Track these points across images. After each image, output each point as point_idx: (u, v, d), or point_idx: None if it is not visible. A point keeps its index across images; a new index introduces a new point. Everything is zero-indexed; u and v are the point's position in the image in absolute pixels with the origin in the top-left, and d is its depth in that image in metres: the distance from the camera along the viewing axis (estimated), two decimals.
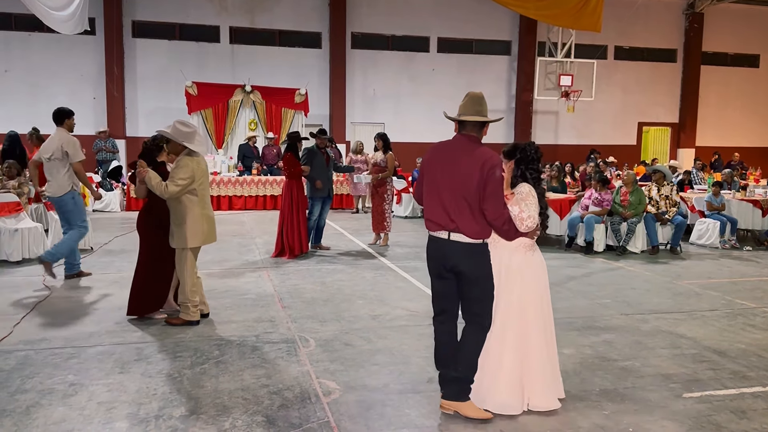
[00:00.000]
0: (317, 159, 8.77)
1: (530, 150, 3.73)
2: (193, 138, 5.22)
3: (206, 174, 5.37)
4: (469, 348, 3.56)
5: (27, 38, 17.01)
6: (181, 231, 5.17)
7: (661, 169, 10.29)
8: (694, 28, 21.71)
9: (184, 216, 5.16)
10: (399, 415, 3.65)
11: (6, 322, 5.31)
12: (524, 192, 3.64)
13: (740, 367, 4.55)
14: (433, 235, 3.62)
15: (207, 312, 5.58)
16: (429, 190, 3.63)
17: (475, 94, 3.65)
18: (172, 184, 5.03)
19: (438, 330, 3.71)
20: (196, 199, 5.19)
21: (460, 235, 3.48)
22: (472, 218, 3.46)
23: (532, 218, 3.53)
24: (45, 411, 3.63)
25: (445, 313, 3.68)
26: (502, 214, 3.46)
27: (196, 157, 5.24)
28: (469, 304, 3.58)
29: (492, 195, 3.43)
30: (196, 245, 5.24)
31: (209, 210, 5.39)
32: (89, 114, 17.49)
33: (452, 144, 3.63)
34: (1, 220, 7.74)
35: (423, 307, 5.94)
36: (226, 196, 13.93)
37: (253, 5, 18.45)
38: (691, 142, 22.29)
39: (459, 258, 3.50)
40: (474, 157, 3.47)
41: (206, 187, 5.38)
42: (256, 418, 3.58)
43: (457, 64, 20.14)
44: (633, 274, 7.83)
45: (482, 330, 3.57)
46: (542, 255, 3.82)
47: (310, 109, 16.90)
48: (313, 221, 8.91)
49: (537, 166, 3.75)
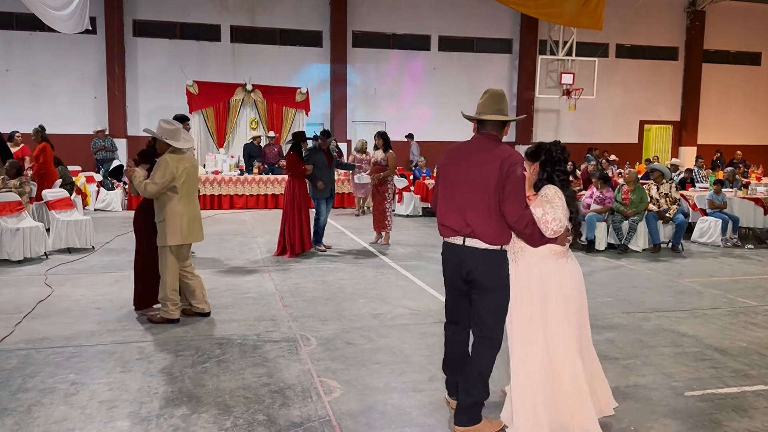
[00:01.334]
0: (319, 159, 8.76)
1: (555, 150, 3.44)
2: (176, 135, 5.21)
3: (191, 172, 5.30)
4: (481, 368, 3.34)
5: (28, 38, 17.01)
6: (162, 229, 5.22)
7: (659, 167, 10.28)
8: (696, 26, 21.66)
9: (165, 214, 5.20)
10: (400, 414, 3.65)
11: (7, 321, 5.32)
12: (549, 194, 3.35)
13: (742, 365, 4.55)
14: (447, 241, 3.41)
15: (208, 311, 5.57)
16: (444, 193, 3.40)
17: (496, 91, 3.43)
18: (150, 184, 5.08)
19: (449, 339, 3.59)
20: (177, 197, 5.18)
21: (476, 241, 3.26)
22: (489, 221, 3.22)
23: (559, 221, 3.24)
24: (46, 410, 3.63)
25: (458, 324, 3.53)
26: (524, 216, 3.18)
27: (180, 154, 5.24)
28: (481, 316, 3.33)
29: (512, 195, 3.17)
30: (174, 243, 5.23)
31: (193, 208, 5.32)
32: (90, 113, 17.50)
33: (470, 145, 3.41)
34: (3, 219, 7.75)
35: (424, 306, 5.94)
36: (227, 195, 13.93)
37: (253, 4, 18.43)
38: (692, 141, 22.25)
39: (474, 265, 3.27)
40: (493, 155, 3.25)
41: (191, 185, 5.32)
42: (257, 416, 3.58)
43: (458, 63, 20.12)
44: (634, 273, 7.82)
45: (494, 347, 3.34)
46: (577, 262, 3.53)
47: (311, 108, 16.89)
48: (322, 221, 8.92)
49: (564, 167, 3.44)
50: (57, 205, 8.77)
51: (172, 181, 5.10)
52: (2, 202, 7.89)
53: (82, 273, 7.26)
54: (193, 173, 5.37)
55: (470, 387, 3.34)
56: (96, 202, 13.31)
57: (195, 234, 5.37)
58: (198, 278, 5.53)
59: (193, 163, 5.41)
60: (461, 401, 3.37)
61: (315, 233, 8.90)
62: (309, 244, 8.61)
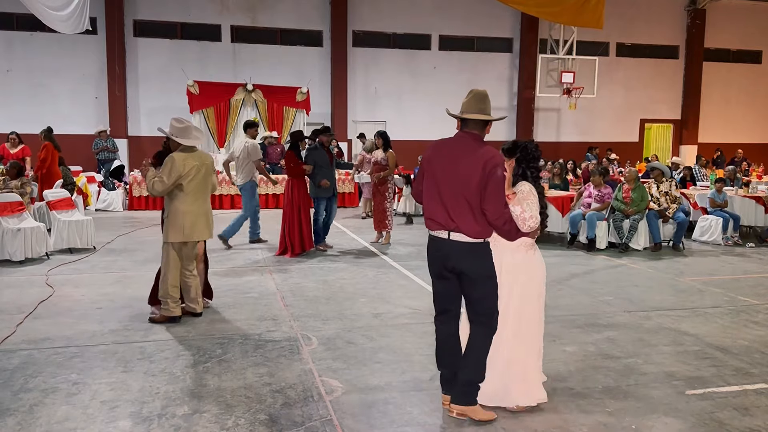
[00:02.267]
0: (321, 157, 8.66)
1: (531, 148, 3.70)
2: (187, 133, 5.23)
3: (200, 169, 5.25)
4: (477, 350, 3.50)
5: (29, 38, 17.02)
6: (166, 225, 5.26)
7: (658, 166, 10.27)
8: (696, 25, 21.64)
9: (169, 211, 5.23)
10: (401, 413, 3.65)
11: (9, 321, 5.33)
12: (525, 191, 3.58)
13: (743, 363, 4.55)
14: (433, 234, 3.56)
15: (199, 312, 5.49)
16: (429, 188, 3.55)
17: (479, 91, 3.57)
18: (157, 182, 5.10)
19: (439, 330, 3.68)
20: (181, 195, 5.18)
21: (460, 235, 3.42)
22: (472, 218, 3.39)
23: (534, 218, 3.49)
24: (48, 410, 3.64)
25: (446, 313, 3.64)
26: (503, 215, 3.39)
27: (190, 152, 5.24)
28: (473, 305, 3.52)
29: (493, 195, 3.35)
30: (174, 240, 5.23)
31: (198, 206, 5.27)
32: (91, 113, 17.52)
33: (454, 142, 3.55)
34: (4, 219, 7.76)
35: (425, 305, 5.94)
36: (228, 195, 13.94)
37: (254, 4, 18.44)
38: (693, 139, 22.24)
39: (460, 257, 3.44)
40: (476, 156, 3.39)
41: (199, 183, 5.26)
42: (258, 416, 3.58)
43: (459, 62, 20.12)
44: (635, 272, 7.82)
45: (489, 331, 3.50)
46: (541, 254, 3.82)
47: (312, 108, 16.89)
48: (322, 220, 8.81)
49: (537, 165, 3.72)
50: (58, 205, 8.78)
51: (178, 179, 5.11)
52: (3, 203, 7.90)
53: (83, 273, 7.27)
54: (204, 171, 5.31)
55: (466, 366, 3.51)
56: (97, 202, 13.32)
57: (199, 232, 5.31)
58: (196, 278, 5.51)
59: (204, 161, 5.34)
60: (459, 379, 3.53)
61: (315, 233, 8.82)
62: (310, 243, 8.58)
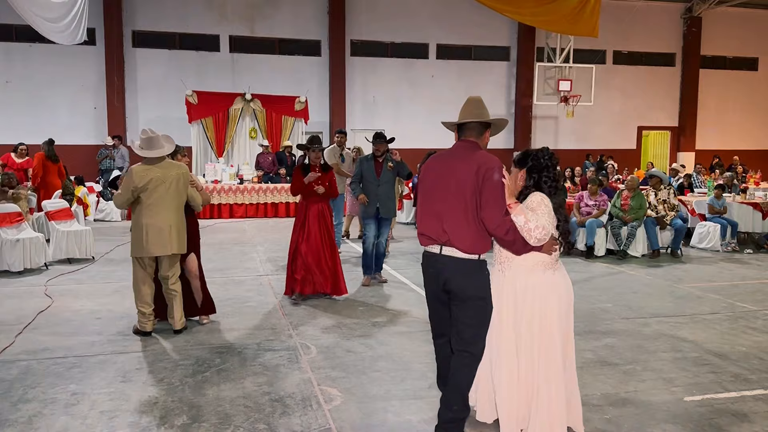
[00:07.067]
0: (367, 169, 7.15)
1: (543, 157, 3.36)
2: (152, 144, 5.14)
3: (162, 181, 5.06)
4: (460, 384, 3.26)
5: (28, 49, 17.08)
6: (131, 239, 5.23)
7: (657, 173, 10.30)
8: (693, 32, 21.77)
9: (132, 224, 5.22)
10: (400, 422, 3.65)
11: (8, 332, 5.32)
12: (535, 201, 3.27)
13: (741, 370, 4.56)
14: (426, 250, 3.39)
15: (177, 329, 5.29)
16: (422, 201, 3.38)
17: (474, 97, 3.45)
18: (115, 195, 5.17)
19: (438, 351, 3.59)
20: (140, 208, 5.12)
21: (452, 249, 3.22)
22: (466, 228, 3.17)
23: (542, 229, 3.15)
24: (47, 420, 3.63)
25: (443, 337, 3.49)
26: (504, 222, 3.12)
27: (154, 164, 5.11)
28: (459, 329, 3.26)
29: (490, 201, 3.11)
30: (135, 255, 5.16)
31: (161, 220, 5.04)
32: (90, 124, 17.57)
33: (449, 152, 3.41)
34: (3, 230, 7.76)
35: (424, 313, 5.90)
36: (227, 204, 13.96)
37: (252, 14, 18.53)
38: (690, 146, 22.31)
39: (450, 274, 3.24)
40: (469, 161, 3.22)
41: (161, 196, 5.05)
42: (257, 425, 3.58)
43: (457, 71, 20.20)
44: (634, 278, 7.83)
45: (473, 361, 3.27)
46: (567, 274, 3.42)
47: (310, 117, 16.92)
48: (369, 245, 7.17)
49: (552, 174, 3.34)
50: (57, 215, 8.79)
51: (135, 192, 5.03)
52: (2, 213, 7.90)
53: (82, 283, 7.27)
54: (170, 183, 5.09)
55: (450, 402, 3.28)
56: (95, 212, 13.33)
57: (160, 246, 5.04)
58: (177, 294, 5.29)
59: (170, 172, 5.12)
60: (442, 415, 3.31)
61: (364, 264, 7.31)
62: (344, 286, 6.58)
